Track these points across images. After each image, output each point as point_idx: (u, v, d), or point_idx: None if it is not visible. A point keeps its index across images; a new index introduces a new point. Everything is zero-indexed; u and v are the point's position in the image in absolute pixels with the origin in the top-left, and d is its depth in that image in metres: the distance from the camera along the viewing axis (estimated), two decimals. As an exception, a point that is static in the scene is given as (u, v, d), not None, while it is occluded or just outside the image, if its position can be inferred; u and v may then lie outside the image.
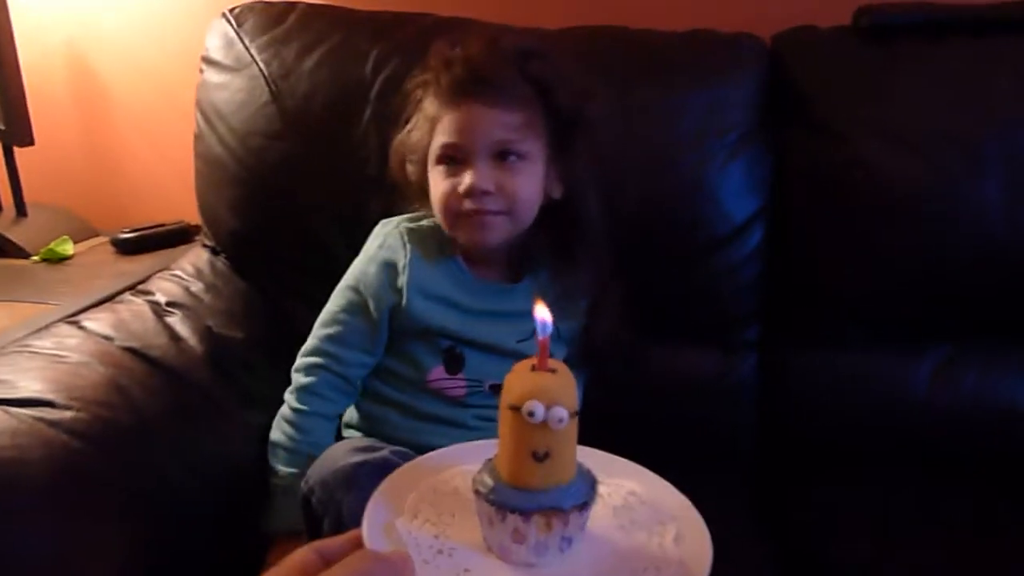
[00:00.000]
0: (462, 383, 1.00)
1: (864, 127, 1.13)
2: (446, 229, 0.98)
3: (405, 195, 1.05)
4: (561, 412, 0.49)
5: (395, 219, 1.05)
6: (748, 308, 1.18)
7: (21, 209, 1.46)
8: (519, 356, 0.94)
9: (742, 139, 1.15)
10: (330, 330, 1.01)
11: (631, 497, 0.57)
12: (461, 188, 0.94)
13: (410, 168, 1.02)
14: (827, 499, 1.10)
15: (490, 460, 0.53)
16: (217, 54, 1.23)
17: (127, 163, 1.58)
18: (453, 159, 0.95)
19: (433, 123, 0.97)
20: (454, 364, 1.00)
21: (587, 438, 0.71)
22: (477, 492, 0.52)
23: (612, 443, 1.10)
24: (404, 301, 0.97)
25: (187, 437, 0.95)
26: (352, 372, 1.01)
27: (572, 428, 0.51)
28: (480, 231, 0.96)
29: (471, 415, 1.00)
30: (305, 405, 1.00)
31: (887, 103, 1.13)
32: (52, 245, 1.39)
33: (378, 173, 1.10)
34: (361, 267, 1.02)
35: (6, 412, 0.82)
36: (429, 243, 1.01)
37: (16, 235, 1.41)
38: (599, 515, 0.55)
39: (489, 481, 0.52)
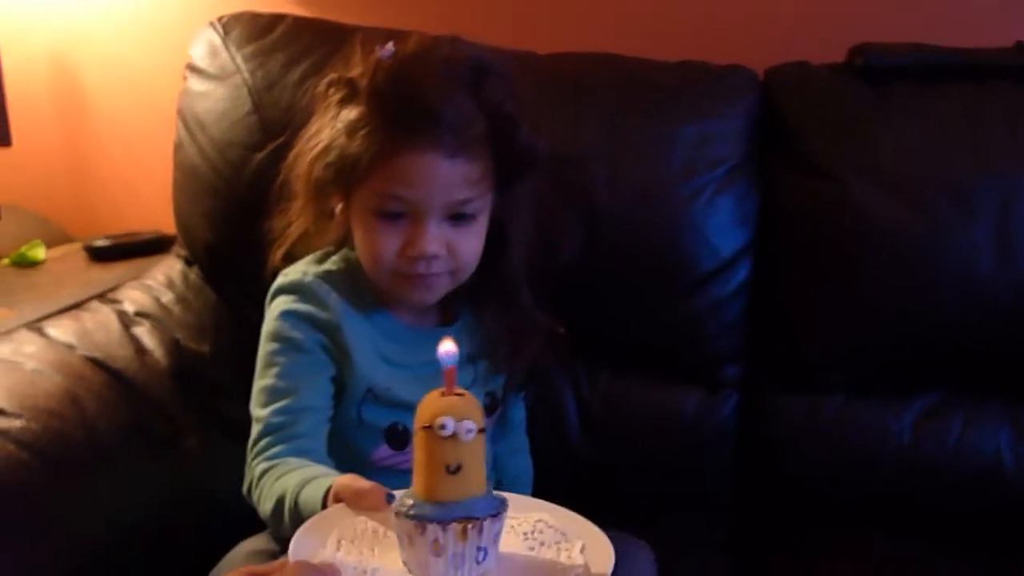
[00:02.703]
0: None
1: (853, 168, 1.11)
2: (379, 284, 0.87)
3: (305, 218, 0.89)
4: (470, 424, 0.55)
5: (297, 268, 0.90)
6: (731, 347, 1.15)
7: (-6, 211, 1.43)
8: None
9: (731, 173, 1.13)
10: (277, 404, 0.83)
11: (539, 523, 0.64)
12: (411, 251, 0.82)
13: (321, 176, 0.85)
14: (807, 549, 1.07)
15: (409, 488, 0.58)
16: (202, 62, 1.20)
17: (105, 170, 1.55)
18: (397, 214, 0.82)
19: (366, 145, 0.81)
20: (399, 441, 0.88)
21: (563, 476, 0.70)
22: (398, 512, 0.57)
23: (587, 482, 1.10)
24: (348, 359, 0.85)
25: (142, 455, 0.92)
26: (315, 445, 0.83)
27: (480, 444, 0.57)
28: (422, 292, 0.86)
29: None
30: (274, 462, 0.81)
31: (878, 145, 1.11)
32: (23, 249, 1.35)
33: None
34: (279, 327, 0.86)
35: (-48, 418, 0.79)
36: (349, 292, 0.87)
37: (-13, 237, 1.39)
38: (510, 541, 0.61)
39: (409, 501, 0.57)
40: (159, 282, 1.17)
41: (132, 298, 1.12)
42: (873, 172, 1.10)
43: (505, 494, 0.61)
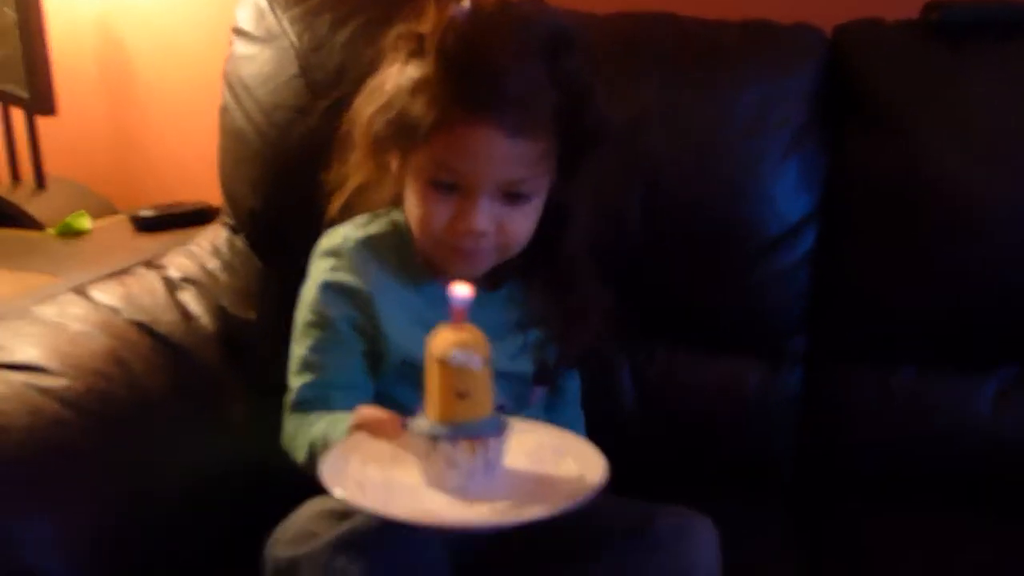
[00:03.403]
0: None
1: (930, 129, 1.05)
2: (427, 251, 0.85)
3: (364, 171, 0.87)
4: (476, 357, 0.62)
5: (340, 231, 0.89)
6: (796, 318, 1.10)
7: (40, 182, 1.44)
8: (514, 377, 0.87)
9: (798, 135, 1.07)
10: (306, 378, 0.84)
11: (540, 444, 0.71)
12: (460, 226, 0.79)
13: (380, 132, 0.82)
14: (875, 535, 1.02)
15: (421, 410, 0.66)
16: (247, 25, 1.18)
17: (151, 141, 1.54)
18: (450, 186, 0.80)
19: (427, 109, 0.78)
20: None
21: (619, 453, 0.68)
22: (416, 432, 0.64)
23: (644, 459, 1.06)
24: (379, 332, 0.83)
25: (188, 419, 0.90)
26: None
27: (486, 373, 0.64)
28: (466, 265, 0.83)
29: None
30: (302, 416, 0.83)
31: (956, 104, 1.05)
32: (68, 219, 1.36)
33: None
34: (315, 296, 0.86)
35: (-4, 375, 0.78)
36: (389, 256, 0.86)
37: (33, 207, 1.39)
38: (515, 459, 0.68)
39: (423, 422, 0.65)
40: (205, 249, 1.15)
41: (177, 264, 1.10)
42: (952, 133, 1.04)
43: (508, 418, 0.67)
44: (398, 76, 0.81)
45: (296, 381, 0.85)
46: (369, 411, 0.73)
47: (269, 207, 1.15)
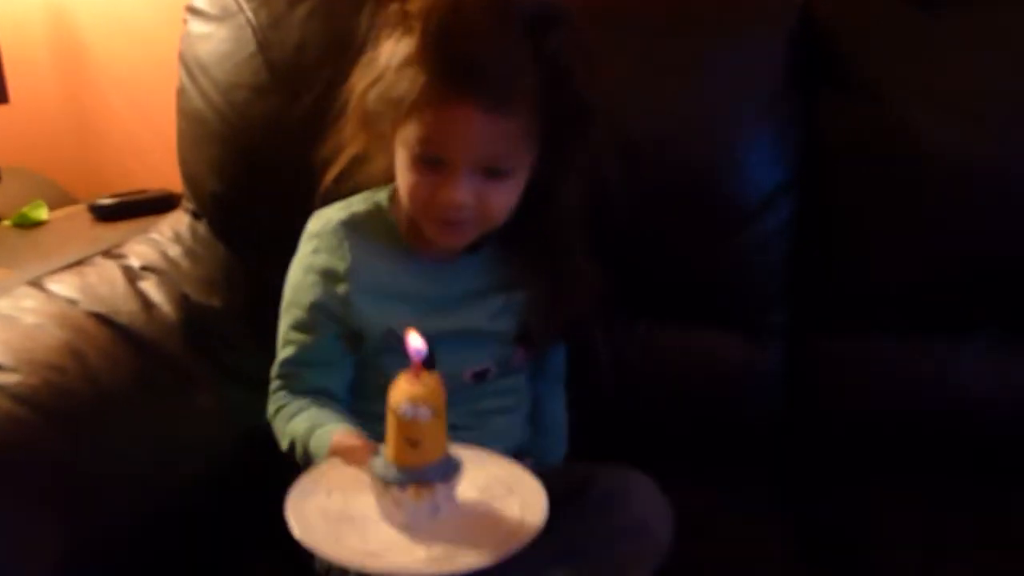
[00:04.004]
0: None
1: (908, 89, 1.03)
2: (414, 220, 0.87)
3: (357, 143, 0.89)
4: (425, 411, 0.67)
5: (325, 212, 0.92)
6: (777, 289, 1.08)
7: (-6, 173, 1.39)
8: (496, 335, 0.92)
9: (771, 101, 1.05)
10: (286, 352, 0.89)
11: (493, 478, 0.75)
12: (440, 199, 0.82)
13: (370, 107, 0.85)
14: (865, 502, 1.01)
15: (383, 448, 0.71)
16: (202, 3, 1.15)
17: (109, 126, 1.51)
18: (434, 161, 0.82)
19: (409, 87, 0.80)
20: (426, 363, 0.85)
21: (599, 431, 0.66)
22: (370, 471, 0.70)
23: (625, 436, 1.04)
24: (357, 310, 0.87)
25: (152, 412, 0.88)
26: (327, 386, 0.88)
27: (437, 423, 0.68)
28: (449, 237, 0.86)
29: (455, 414, 0.80)
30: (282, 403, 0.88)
31: (935, 62, 1.03)
32: (25, 210, 1.32)
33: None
34: (298, 278, 0.90)
35: (-57, 374, 0.75)
36: (370, 233, 0.89)
37: (-13, 199, 1.34)
38: (467, 493, 0.72)
39: (378, 463, 0.70)
40: (166, 236, 1.12)
41: (137, 252, 1.07)
42: (930, 92, 1.02)
43: (466, 450, 0.73)
44: (390, 52, 0.83)
45: (279, 355, 0.90)
46: (343, 437, 0.79)
47: (230, 189, 1.12)
